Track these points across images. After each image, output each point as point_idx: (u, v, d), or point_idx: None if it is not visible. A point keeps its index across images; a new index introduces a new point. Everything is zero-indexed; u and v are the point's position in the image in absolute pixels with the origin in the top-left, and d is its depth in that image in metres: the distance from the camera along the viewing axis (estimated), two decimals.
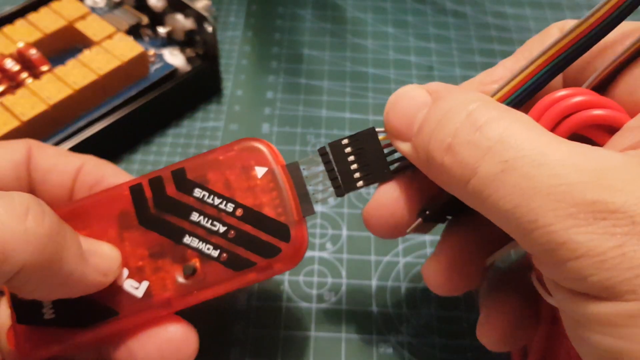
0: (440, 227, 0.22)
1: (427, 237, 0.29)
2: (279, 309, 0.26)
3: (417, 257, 0.28)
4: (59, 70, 0.30)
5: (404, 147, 0.18)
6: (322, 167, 0.20)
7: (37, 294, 0.17)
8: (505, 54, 0.22)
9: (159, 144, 0.33)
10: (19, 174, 0.21)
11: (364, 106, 0.35)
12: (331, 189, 0.20)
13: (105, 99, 0.31)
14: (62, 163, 0.22)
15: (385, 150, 0.20)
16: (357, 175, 0.20)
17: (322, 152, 0.20)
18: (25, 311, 0.20)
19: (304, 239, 0.20)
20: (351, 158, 0.20)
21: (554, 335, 0.20)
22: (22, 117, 0.28)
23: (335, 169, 0.20)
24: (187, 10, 0.33)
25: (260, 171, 0.20)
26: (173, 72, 0.33)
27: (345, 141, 0.20)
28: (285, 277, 0.27)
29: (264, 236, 0.20)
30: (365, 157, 0.20)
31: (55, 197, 0.22)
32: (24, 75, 0.30)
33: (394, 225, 0.20)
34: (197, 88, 0.34)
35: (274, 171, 0.20)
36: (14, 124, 0.28)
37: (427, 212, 0.20)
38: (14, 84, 0.30)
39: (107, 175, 0.22)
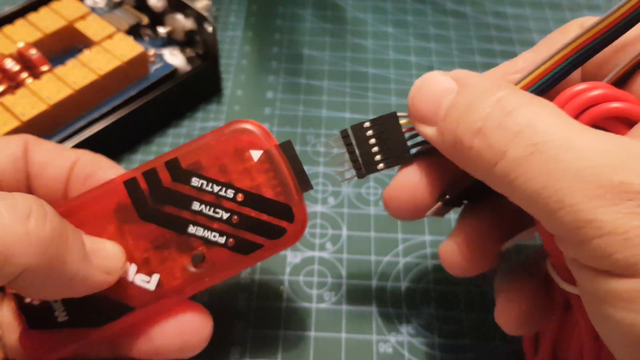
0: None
1: (427, 237, 0.29)
2: (279, 309, 0.26)
3: (417, 257, 0.28)
4: (59, 70, 0.30)
5: (429, 131, 0.19)
6: (344, 150, 0.21)
7: (41, 294, 0.17)
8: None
9: (159, 144, 0.33)
10: (17, 167, 0.21)
11: (364, 106, 0.35)
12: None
13: (105, 99, 0.31)
14: (58, 157, 0.22)
15: (406, 135, 0.20)
16: (378, 157, 0.20)
17: (344, 135, 0.20)
18: (36, 316, 0.20)
19: (305, 216, 0.20)
20: (372, 141, 0.20)
21: (567, 323, 0.20)
22: (22, 117, 0.28)
23: (357, 151, 0.20)
24: (187, 10, 0.33)
25: (254, 152, 0.20)
26: (173, 72, 0.33)
27: (367, 124, 0.20)
28: (285, 277, 0.27)
29: (268, 218, 0.20)
30: (387, 141, 0.20)
31: (50, 190, 0.22)
32: (24, 75, 0.30)
33: (413, 208, 0.20)
34: (197, 88, 0.34)
35: (268, 151, 0.20)
36: (14, 123, 0.28)
37: (447, 197, 0.20)
38: (14, 84, 0.30)
39: (102, 168, 0.22)
